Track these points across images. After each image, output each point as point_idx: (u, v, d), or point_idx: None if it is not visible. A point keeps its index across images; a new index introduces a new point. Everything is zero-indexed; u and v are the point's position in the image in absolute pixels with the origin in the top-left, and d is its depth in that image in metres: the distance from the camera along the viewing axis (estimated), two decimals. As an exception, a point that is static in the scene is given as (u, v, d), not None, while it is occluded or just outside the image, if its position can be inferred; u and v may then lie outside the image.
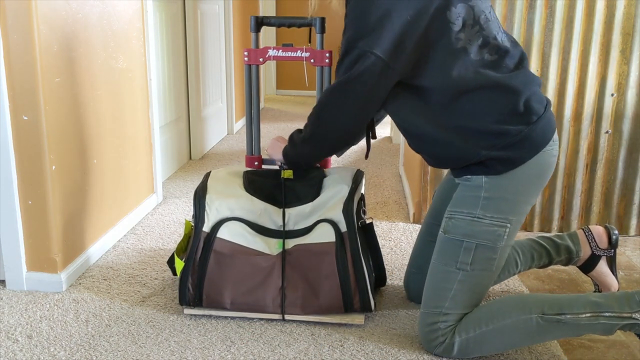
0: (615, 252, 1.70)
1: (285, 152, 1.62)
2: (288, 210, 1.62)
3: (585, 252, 1.70)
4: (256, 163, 1.83)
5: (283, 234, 1.60)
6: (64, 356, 1.44)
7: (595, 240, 1.69)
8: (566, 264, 1.74)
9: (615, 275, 1.71)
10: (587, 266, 1.71)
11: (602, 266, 1.70)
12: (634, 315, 1.33)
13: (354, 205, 1.59)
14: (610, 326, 1.35)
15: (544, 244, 1.71)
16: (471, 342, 1.40)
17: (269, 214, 1.62)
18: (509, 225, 1.39)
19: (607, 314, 1.34)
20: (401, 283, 1.84)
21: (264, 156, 1.85)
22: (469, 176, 1.42)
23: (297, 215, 1.61)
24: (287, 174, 1.67)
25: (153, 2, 2.69)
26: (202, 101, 3.53)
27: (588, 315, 1.34)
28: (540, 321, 1.36)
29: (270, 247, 1.59)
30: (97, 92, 1.97)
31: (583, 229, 1.72)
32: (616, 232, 1.70)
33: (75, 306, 1.68)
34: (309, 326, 1.58)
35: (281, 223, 1.61)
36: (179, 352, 1.46)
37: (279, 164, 1.68)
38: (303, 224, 1.61)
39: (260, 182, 1.67)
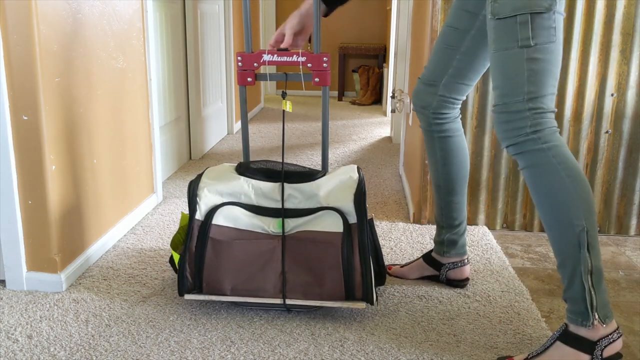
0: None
1: None
2: (287, 186, 1.58)
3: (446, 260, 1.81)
4: (249, 79, 1.65)
5: (282, 212, 1.57)
6: (64, 356, 1.44)
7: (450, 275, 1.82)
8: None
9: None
10: (432, 261, 1.84)
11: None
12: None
13: (365, 197, 1.57)
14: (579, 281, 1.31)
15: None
16: (549, 160, 1.31)
17: (264, 193, 1.59)
18: None
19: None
20: (401, 283, 1.84)
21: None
22: None
23: (297, 192, 1.58)
24: (288, 106, 1.62)
25: (153, 2, 2.69)
26: (202, 101, 3.53)
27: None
28: (579, 229, 1.29)
29: (269, 226, 1.57)
30: (97, 92, 1.97)
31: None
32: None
33: (75, 306, 1.68)
34: (309, 326, 1.58)
35: (279, 199, 1.58)
36: (179, 352, 1.46)
37: (283, 91, 1.64)
38: (304, 204, 1.58)
39: (255, 165, 1.65)
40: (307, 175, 1.61)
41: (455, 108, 1.68)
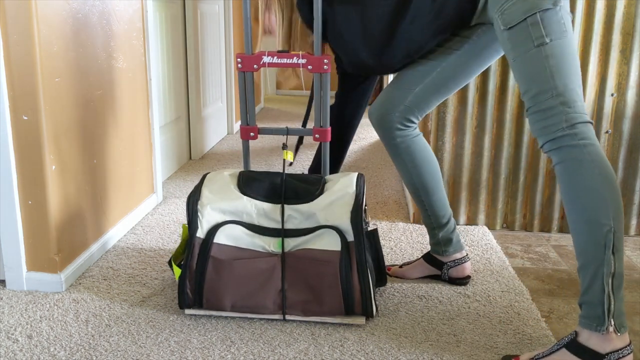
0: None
1: None
2: (287, 207, 1.59)
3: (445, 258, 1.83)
4: (252, 134, 1.74)
5: (282, 232, 1.59)
6: (64, 356, 1.44)
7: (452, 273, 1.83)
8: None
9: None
10: (433, 260, 1.85)
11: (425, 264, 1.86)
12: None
13: (362, 215, 1.57)
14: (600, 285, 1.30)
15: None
16: (583, 158, 1.31)
17: (265, 213, 1.60)
18: None
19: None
20: (401, 283, 1.84)
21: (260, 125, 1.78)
22: None
23: (297, 213, 1.59)
24: (289, 155, 1.64)
25: (153, 2, 2.69)
26: (202, 101, 3.53)
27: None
28: (607, 228, 1.29)
29: (269, 245, 1.58)
30: (97, 92, 1.97)
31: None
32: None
33: (75, 306, 1.68)
34: (309, 326, 1.58)
35: (279, 219, 1.59)
36: (179, 352, 1.46)
37: (283, 143, 1.66)
38: (303, 224, 1.59)
39: (257, 181, 1.65)
40: (307, 195, 1.61)
41: (418, 120, 1.70)
